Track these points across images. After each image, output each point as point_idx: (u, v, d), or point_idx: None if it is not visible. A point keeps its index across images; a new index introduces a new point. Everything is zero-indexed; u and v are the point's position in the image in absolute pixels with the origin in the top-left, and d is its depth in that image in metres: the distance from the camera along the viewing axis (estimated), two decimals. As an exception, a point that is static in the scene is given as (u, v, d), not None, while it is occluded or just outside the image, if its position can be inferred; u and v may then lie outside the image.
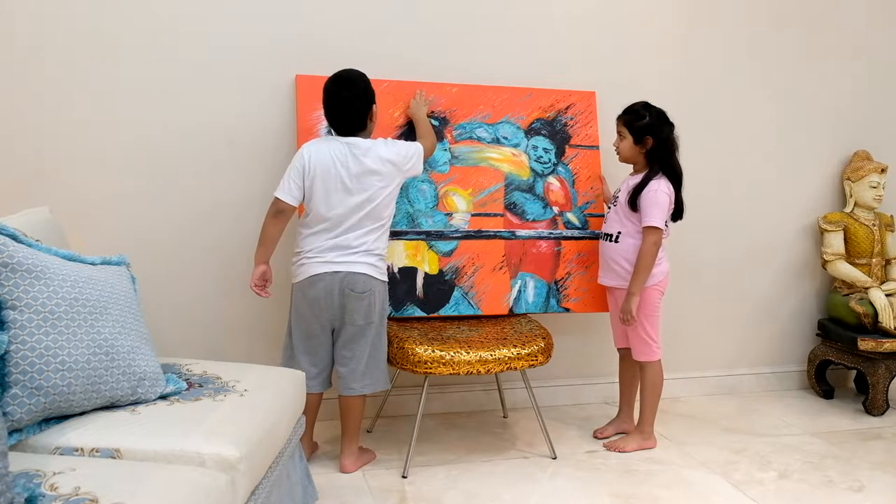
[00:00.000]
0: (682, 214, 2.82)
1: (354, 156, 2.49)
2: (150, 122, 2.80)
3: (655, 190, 2.71)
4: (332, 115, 2.53)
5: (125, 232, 2.80)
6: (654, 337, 2.84)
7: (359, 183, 2.49)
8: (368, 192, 2.49)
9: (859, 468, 2.77)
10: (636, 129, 2.75)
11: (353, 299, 2.51)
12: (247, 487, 1.70)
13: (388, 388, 2.68)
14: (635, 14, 3.28)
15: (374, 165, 2.50)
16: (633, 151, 2.78)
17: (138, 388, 1.84)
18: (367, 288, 2.52)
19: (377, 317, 2.56)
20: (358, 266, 2.51)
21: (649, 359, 2.85)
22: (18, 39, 2.66)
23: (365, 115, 2.53)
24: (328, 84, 2.52)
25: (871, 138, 3.63)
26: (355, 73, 2.54)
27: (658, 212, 2.70)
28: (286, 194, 2.49)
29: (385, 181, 2.53)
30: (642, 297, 2.77)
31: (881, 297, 3.31)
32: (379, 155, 2.52)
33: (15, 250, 1.71)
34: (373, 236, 2.53)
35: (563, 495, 2.50)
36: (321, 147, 2.51)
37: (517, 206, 2.99)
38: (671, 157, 2.76)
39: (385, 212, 2.55)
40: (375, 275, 2.54)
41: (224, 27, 2.83)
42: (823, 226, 3.54)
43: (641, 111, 2.76)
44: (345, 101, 2.50)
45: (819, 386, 3.58)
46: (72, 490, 1.38)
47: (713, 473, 2.70)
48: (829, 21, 3.52)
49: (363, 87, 2.53)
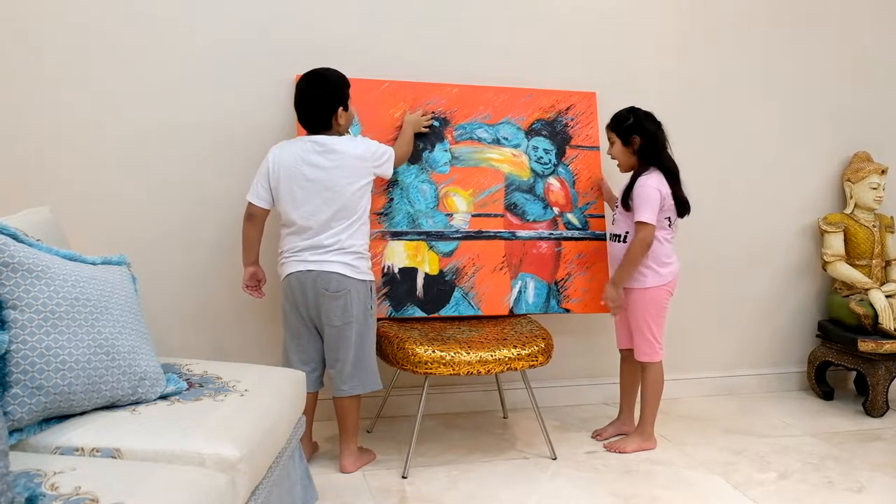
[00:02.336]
0: (687, 210, 2.82)
1: (318, 153, 2.48)
2: (151, 121, 2.80)
3: (643, 185, 2.74)
4: (299, 111, 2.54)
5: (125, 232, 2.80)
6: (659, 338, 2.84)
7: (323, 180, 2.47)
8: (334, 190, 2.47)
9: (859, 469, 2.77)
10: (622, 131, 2.79)
11: (328, 299, 2.50)
12: (247, 487, 1.70)
13: (380, 388, 2.65)
14: (636, 14, 3.28)
15: (340, 162, 2.47)
16: (626, 154, 2.81)
17: (139, 387, 1.84)
18: (341, 288, 2.49)
19: (356, 317, 2.53)
20: (331, 265, 2.48)
21: (651, 359, 2.85)
22: (18, 39, 2.66)
23: (330, 115, 2.50)
24: (300, 80, 2.53)
25: (871, 139, 3.63)
26: (330, 73, 2.54)
27: (646, 207, 2.71)
28: (254, 197, 2.55)
29: (351, 177, 2.49)
30: (650, 297, 2.79)
31: (881, 299, 3.31)
32: (345, 151, 2.49)
33: (15, 250, 1.71)
34: (346, 234, 2.50)
35: (563, 496, 2.50)
36: (286, 147, 2.53)
37: (517, 206, 2.99)
38: (662, 153, 2.78)
39: (356, 208, 2.51)
40: (351, 274, 2.50)
41: (224, 27, 2.83)
42: (823, 227, 3.54)
43: (626, 114, 2.80)
44: (312, 98, 2.50)
45: (819, 387, 3.58)
46: (72, 490, 1.38)
47: (713, 474, 2.70)
48: (829, 21, 3.52)
49: (335, 87, 2.51)
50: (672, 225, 2.81)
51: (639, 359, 2.88)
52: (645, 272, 2.79)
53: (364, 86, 2.84)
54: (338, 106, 2.51)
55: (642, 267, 2.77)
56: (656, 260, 2.79)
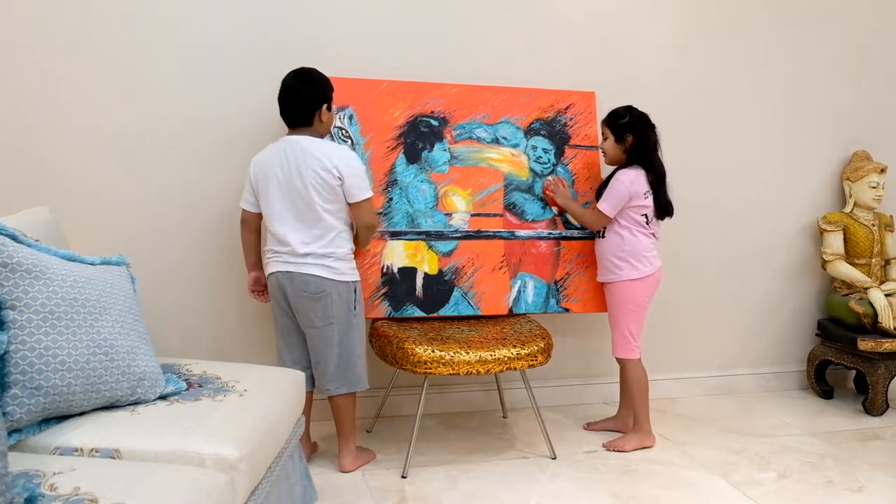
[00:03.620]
0: (669, 212, 2.86)
1: (293, 153, 2.45)
2: (151, 122, 2.80)
3: (616, 178, 2.82)
4: (282, 104, 2.51)
5: (125, 232, 2.80)
6: (635, 334, 2.87)
7: (294, 182, 2.44)
8: (304, 194, 2.43)
9: (859, 468, 2.77)
10: (617, 128, 2.84)
11: (307, 300, 2.48)
12: (246, 487, 1.70)
13: (365, 388, 2.60)
14: (635, 14, 3.28)
15: (311, 164, 2.42)
16: (616, 150, 2.86)
17: (138, 388, 1.84)
18: (320, 290, 2.47)
19: (338, 318, 2.50)
20: (308, 267, 2.46)
21: (627, 356, 2.88)
22: (18, 39, 2.66)
23: (313, 110, 2.48)
24: (287, 76, 2.52)
25: (870, 138, 3.64)
26: (317, 72, 2.53)
27: (610, 198, 2.82)
28: (243, 202, 2.59)
29: (318, 183, 2.42)
30: (627, 291, 2.84)
31: (881, 298, 3.31)
32: (317, 156, 2.42)
33: (15, 250, 1.71)
34: (318, 244, 2.46)
35: (562, 495, 2.50)
36: (267, 150, 2.53)
37: (516, 206, 2.99)
38: (651, 155, 2.82)
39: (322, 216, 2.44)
40: (330, 276, 2.47)
41: (224, 27, 2.83)
42: (823, 226, 3.54)
43: (622, 112, 2.85)
44: (295, 91, 2.49)
45: (819, 386, 3.58)
46: (71, 490, 1.38)
47: (712, 474, 2.70)
48: (829, 21, 3.53)
49: (320, 86, 2.51)
50: (650, 223, 2.84)
51: (614, 354, 2.92)
52: (621, 265, 2.84)
53: (363, 86, 2.84)
54: (322, 103, 2.50)
55: (618, 260, 2.84)
56: (633, 254, 2.83)
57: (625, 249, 2.83)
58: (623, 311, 2.86)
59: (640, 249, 2.83)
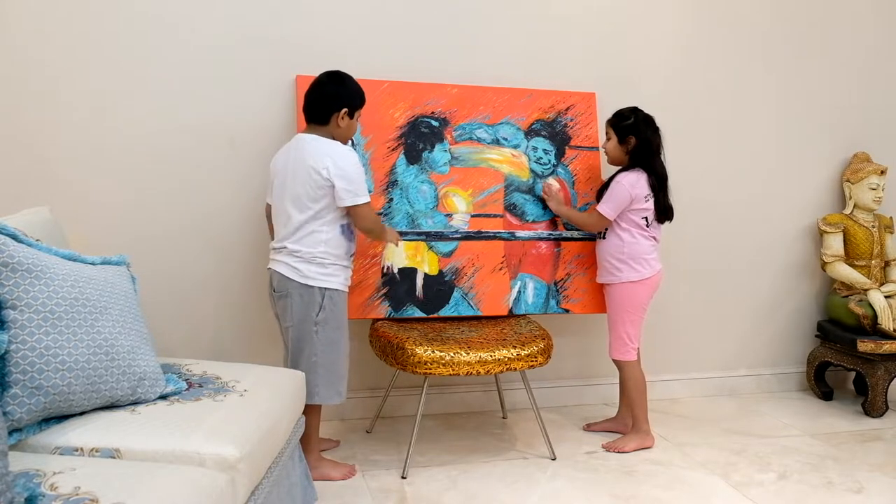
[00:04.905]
0: (669, 216, 2.86)
1: (295, 149, 2.44)
2: (151, 122, 2.80)
3: (617, 181, 2.81)
4: (306, 99, 2.47)
5: (125, 232, 2.80)
6: (633, 337, 2.87)
7: (289, 178, 2.43)
8: (294, 190, 2.40)
9: (859, 470, 2.77)
10: (620, 129, 2.84)
11: (274, 297, 2.50)
12: (247, 487, 1.71)
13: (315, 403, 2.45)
14: (635, 15, 3.28)
15: (306, 161, 2.37)
16: (618, 151, 2.86)
17: (138, 388, 1.84)
18: (281, 288, 2.46)
19: (295, 322, 2.43)
20: (277, 264, 2.47)
21: (623, 357, 2.88)
22: (18, 40, 2.66)
23: (330, 110, 2.41)
24: (321, 74, 2.49)
25: (870, 140, 3.64)
26: (350, 78, 2.49)
27: (610, 201, 2.81)
28: (267, 197, 2.59)
29: (306, 180, 2.37)
30: (626, 293, 2.84)
31: (880, 299, 3.31)
32: (312, 154, 2.37)
33: (15, 250, 1.71)
34: (292, 229, 2.41)
35: (562, 496, 2.50)
36: (284, 146, 2.53)
37: (517, 207, 2.99)
38: (654, 158, 2.81)
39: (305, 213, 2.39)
40: (292, 276, 2.41)
41: (224, 27, 2.83)
42: (823, 227, 3.54)
43: (627, 113, 2.84)
44: (319, 86, 2.46)
45: (818, 387, 3.58)
46: (72, 490, 1.38)
47: (712, 474, 2.70)
48: (829, 22, 3.53)
49: (345, 89, 2.45)
50: (650, 225, 2.84)
51: (611, 356, 2.92)
52: (621, 267, 2.84)
53: (364, 86, 2.83)
54: (342, 107, 2.42)
55: (618, 262, 2.84)
56: (633, 257, 2.83)
57: (624, 252, 2.83)
58: (621, 313, 2.86)
59: (640, 252, 2.83)
